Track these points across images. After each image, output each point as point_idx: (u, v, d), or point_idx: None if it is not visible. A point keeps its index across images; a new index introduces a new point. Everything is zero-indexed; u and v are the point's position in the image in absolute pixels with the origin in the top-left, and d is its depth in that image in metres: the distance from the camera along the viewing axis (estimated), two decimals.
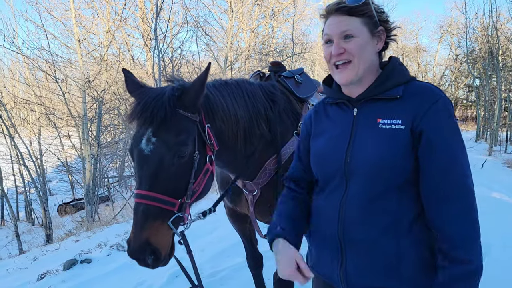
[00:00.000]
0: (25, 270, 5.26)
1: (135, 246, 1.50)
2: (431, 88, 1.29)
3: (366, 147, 1.28)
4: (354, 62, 1.29)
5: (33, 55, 10.48)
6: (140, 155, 1.55)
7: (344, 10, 1.29)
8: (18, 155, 10.07)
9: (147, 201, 1.51)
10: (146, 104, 1.57)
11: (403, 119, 1.24)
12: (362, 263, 1.31)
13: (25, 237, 9.91)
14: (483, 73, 17.01)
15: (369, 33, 1.30)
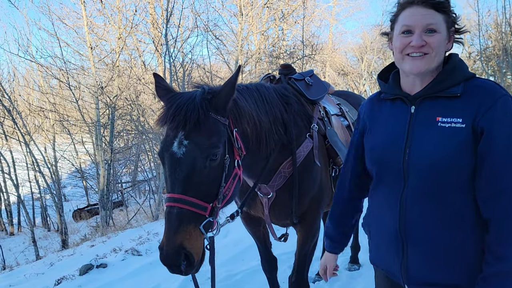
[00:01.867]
0: (42, 276, 5.33)
1: (169, 250, 1.48)
2: (492, 85, 1.27)
3: (426, 145, 1.28)
4: (432, 56, 1.29)
5: (46, 63, 10.69)
6: (173, 158, 1.55)
7: (431, 3, 1.29)
8: (34, 162, 10.24)
9: (180, 204, 1.51)
10: (178, 107, 1.57)
11: (464, 118, 1.23)
12: (424, 259, 1.32)
13: (41, 243, 10.05)
14: (498, 70, 16.72)
15: (447, 30, 1.31)
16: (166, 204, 1.52)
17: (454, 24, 1.34)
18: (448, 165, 1.25)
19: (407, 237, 1.33)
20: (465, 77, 1.30)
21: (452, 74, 1.31)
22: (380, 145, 1.41)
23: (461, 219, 1.26)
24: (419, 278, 1.35)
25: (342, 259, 4.18)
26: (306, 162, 2.24)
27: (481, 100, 1.22)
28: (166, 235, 1.49)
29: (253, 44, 15.54)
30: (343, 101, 3.17)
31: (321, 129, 2.41)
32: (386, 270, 1.46)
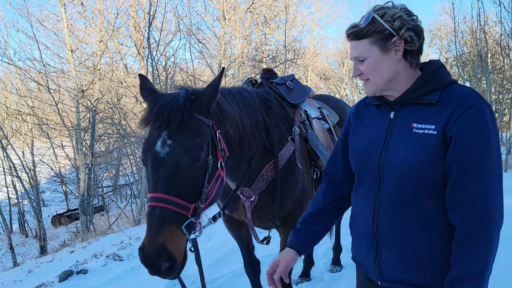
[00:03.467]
0: (20, 283, 5.21)
1: (151, 250, 1.45)
2: (467, 93, 1.29)
3: (400, 150, 1.33)
4: (371, 81, 1.37)
5: (25, 65, 10.47)
6: (156, 158, 1.53)
7: (352, 36, 1.36)
8: (11, 167, 10.00)
9: (163, 204, 1.48)
10: (161, 107, 1.56)
11: (437, 124, 1.27)
12: (395, 259, 1.38)
13: (19, 250, 9.80)
14: (473, 76, 17.22)
15: (380, 49, 1.32)
16: (149, 204, 1.50)
17: (396, 31, 1.31)
18: (418, 170, 1.29)
19: (380, 237, 1.39)
20: (443, 84, 1.32)
21: (428, 81, 1.34)
22: (361, 148, 1.47)
23: (431, 224, 1.30)
24: (390, 275, 1.41)
25: (324, 260, 4.23)
26: (288, 165, 2.28)
27: (454, 107, 1.25)
28: (148, 235, 1.47)
29: (236, 48, 15.58)
30: (324, 105, 3.24)
31: (302, 132, 2.46)
32: (363, 267, 1.52)
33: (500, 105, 15.17)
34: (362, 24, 1.33)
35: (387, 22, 1.30)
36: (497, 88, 15.64)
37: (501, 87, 15.30)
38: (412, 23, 1.32)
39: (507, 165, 10.14)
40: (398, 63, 1.35)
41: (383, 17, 1.31)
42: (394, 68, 1.35)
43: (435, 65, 1.38)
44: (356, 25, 1.36)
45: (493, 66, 16.17)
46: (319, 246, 4.31)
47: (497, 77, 15.76)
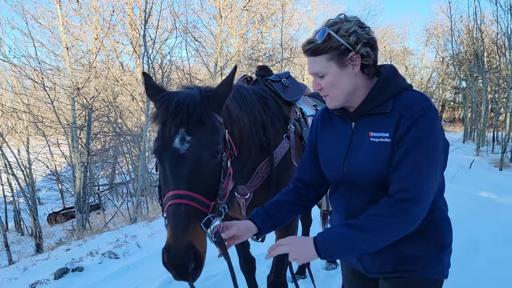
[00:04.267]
0: (15, 281, 5.18)
1: (178, 250, 1.38)
2: (416, 100, 1.32)
3: (358, 159, 1.39)
4: (331, 95, 1.42)
5: (20, 63, 10.39)
6: (175, 155, 1.48)
7: (309, 52, 1.38)
8: (6, 164, 9.94)
9: (188, 201, 1.43)
10: (179, 104, 1.53)
11: (389, 132, 1.32)
12: (373, 255, 1.45)
13: (14, 248, 9.76)
14: (469, 75, 17.29)
15: (337, 65, 1.35)
16: (171, 201, 1.43)
17: (352, 46, 1.33)
18: (377, 177, 1.35)
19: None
20: (395, 92, 1.37)
21: (381, 91, 1.38)
22: (329, 158, 1.53)
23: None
24: (374, 269, 1.50)
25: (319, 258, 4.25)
26: (283, 163, 2.29)
27: (402, 114, 1.31)
28: (173, 234, 1.39)
29: (232, 46, 15.57)
30: (319, 103, 3.24)
31: (297, 130, 2.47)
32: (349, 262, 1.60)
33: (496, 104, 15.24)
34: (317, 40, 1.34)
35: (343, 37, 1.32)
36: (493, 87, 15.72)
37: (497, 86, 15.38)
38: (367, 36, 1.35)
39: (503, 164, 10.20)
40: (356, 77, 1.38)
41: (338, 32, 1.33)
42: (353, 82, 1.38)
43: (387, 74, 1.41)
44: (312, 40, 1.37)
45: (489, 65, 16.24)
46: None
47: (493, 76, 15.83)
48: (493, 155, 12.30)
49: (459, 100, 27.82)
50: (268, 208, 1.63)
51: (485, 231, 4.59)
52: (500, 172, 9.65)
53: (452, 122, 30.23)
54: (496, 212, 5.70)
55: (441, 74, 28.75)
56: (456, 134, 19.93)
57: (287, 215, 1.65)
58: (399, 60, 31.03)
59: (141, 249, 5.27)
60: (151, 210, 9.70)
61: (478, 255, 3.98)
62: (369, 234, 1.28)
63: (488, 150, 13.18)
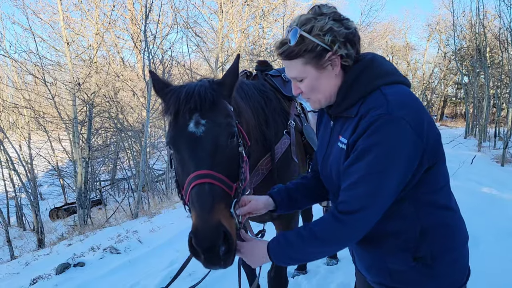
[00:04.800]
0: (17, 276, 5.21)
1: (207, 229, 1.29)
2: (375, 105, 1.19)
3: (329, 160, 1.35)
4: (313, 99, 1.34)
5: (21, 58, 10.38)
6: (192, 139, 1.46)
7: (283, 56, 1.28)
8: (8, 160, 9.94)
9: (211, 180, 1.37)
10: (189, 92, 1.52)
11: (347, 138, 1.25)
12: (362, 262, 1.43)
13: (16, 243, 9.80)
14: (471, 70, 17.22)
15: (315, 69, 1.25)
16: (194, 183, 1.37)
17: (330, 45, 1.22)
18: (336, 182, 1.31)
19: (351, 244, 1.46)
20: (362, 93, 1.24)
21: (348, 94, 1.27)
22: (317, 152, 1.53)
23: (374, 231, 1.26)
24: (367, 276, 1.45)
25: None
26: (283, 159, 2.28)
27: (359, 119, 1.21)
28: (199, 214, 1.32)
29: (233, 41, 15.52)
30: None
31: (298, 125, 2.46)
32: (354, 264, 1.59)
33: (498, 99, 15.18)
34: (290, 42, 1.24)
35: (317, 37, 1.21)
36: (495, 83, 15.64)
37: (499, 82, 15.30)
38: (345, 31, 1.22)
39: (505, 159, 10.16)
40: (337, 77, 1.28)
41: (311, 32, 1.21)
42: (334, 82, 1.29)
43: (356, 71, 1.27)
44: (285, 41, 1.27)
45: (491, 60, 16.15)
46: None
47: (495, 71, 15.75)
48: (495, 151, 12.26)
49: (461, 96, 27.71)
50: (290, 187, 1.58)
51: (486, 226, 4.58)
52: (501, 168, 9.62)
53: (454, 117, 30.14)
54: (498, 208, 5.69)
55: (443, 69, 28.62)
56: (457, 130, 19.88)
57: (305, 200, 1.61)
58: (401, 56, 30.90)
59: (143, 244, 5.28)
60: (153, 205, 9.72)
61: (479, 250, 3.97)
62: (311, 245, 1.22)
63: (490, 145, 13.14)
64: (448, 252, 1.30)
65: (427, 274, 1.27)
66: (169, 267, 4.20)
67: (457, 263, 1.32)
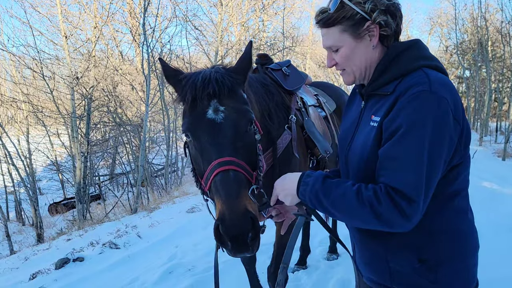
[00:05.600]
0: (17, 270, 5.20)
1: (234, 216, 1.28)
2: (415, 83, 1.14)
3: (358, 141, 1.29)
4: (347, 71, 1.29)
5: (19, 52, 10.34)
6: (211, 125, 1.44)
7: (321, 23, 1.26)
8: (6, 155, 9.91)
9: (235, 167, 1.37)
10: (205, 78, 1.50)
11: (381, 117, 1.19)
12: (363, 258, 1.35)
13: (15, 238, 9.79)
14: (473, 64, 17.14)
15: (353, 37, 1.22)
16: (218, 170, 1.36)
17: (369, 14, 1.19)
18: (365, 163, 1.22)
19: (352, 233, 1.40)
20: (402, 72, 1.19)
21: (386, 70, 1.23)
22: (340, 137, 1.45)
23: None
24: (364, 273, 1.39)
25: (320, 249, 4.23)
26: (284, 154, 2.23)
27: (397, 97, 1.15)
28: (226, 200, 1.31)
29: (233, 35, 15.44)
30: (321, 92, 3.18)
31: (299, 120, 2.41)
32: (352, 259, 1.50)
33: (499, 93, 15.13)
34: (330, 9, 1.22)
35: (357, 5, 1.19)
36: (497, 77, 15.58)
37: (501, 75, 15.24)
38: (386, 2, 1.20)
39: (506, 154, 10.14)
40: (374, 49, 1.25)
41: (352, 0, 1.19)
42: (370, 55, 1.25)
43: (397, 49, 1.24)
44: (324, 10, 1.25)
45: (493, 54, 16.08)
46: (316, 235, 4.30)
47: (497, 65, 15.68)
48: (496, 145, 12.25)
49: (463, 90, 27.64)
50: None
51: (487, 221, 4.56)
52: (503, 162, 9.60)
53: None
54: (498, 202, 5.68)
55: (445, 63, 28.51)
56: None
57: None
58: None
59: (142, 239, 5.26)
60: (152, 200, 9.70)
61: (480, 245, 3.96)
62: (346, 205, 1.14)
63: (491, 140, 13.12)
64: (455, 259, 1.23)
65: (429, 278, 1.20)
66: (168, 262, 4.18)
67: (464, 273, 1.25)
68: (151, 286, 3.69)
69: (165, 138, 12.32)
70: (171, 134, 12.09)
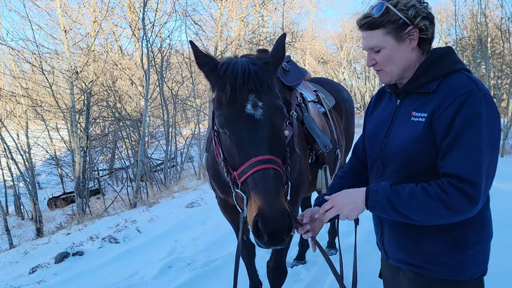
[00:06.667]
0: (16, 264, 5.22)
1: (276, 213, 1.34)
2: (462, 83, 1.27)
3: (397, 137, 1.39)
4: (386, 70, 1.41)
5: (18, 46, 10.32)
6: (250, 121, 1.47)
7: (366, 26, 1.38)
8: (6, 149, 9.90)
9: (274, 166, 1.42)
10: (245, 71, 1.50)
11: (428, 112, 1.30)
12: (393, 240, 1.46)
13: (15, 232, 9.81)
14: (472, 60, 17.13)
15: (395, 39, 1.35)
16: (259, 167, 1.40)
17: (411, 20, 1.33)
18: (408, 157, 1.34)
19: (382, 218, 1.48)
20: (443, 72, 1.33)
21: (428, 71, 1.36)
22: (370, 133, 1.55)
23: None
24: (392, 255, 1.50)
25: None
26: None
27: (444, 96, 1.28)
28: (266, 198, 1.36)
29: (232, 30, 15.37)
30: (320, 88, 3.19)
31: (299, 115, 2.42)
32: (377, 244, 1.62)
33: (498, 90, 15.15)
34: (374, 14, 1.34)
35: (401, 11, 1.32)
36: (496, 73, 15.59)
37: (500, 72, 15.25)
38: (425, 11, 1.34)
39: (504, 150, 10.17)
40: (412, 52, 1.37)
41: (396, 6, 1.33)
42: (409, 57, 1.38)
43: (438, 53, 1.39)
44: (368, 15, 1.37)
45: (492, 50, 16.08)
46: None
47: (496, 62, 15.69)
48: None
49: None
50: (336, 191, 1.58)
51: None
52: (501, 159, 9.63)
53: None
54: (496, 199, 5.64)
55: None
56: None
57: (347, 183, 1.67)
58: None
59: (141, 234, 5.28)
60: (151, 195, 9.72)
61: None
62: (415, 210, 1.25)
63: None
64: (479, 243, 1.37)
65: (458, 259, 1.33)
66: (167, 257, 4.20)
67: (483, 254, 1.38)
68: (150, 280, 3.71)
69: (164, 133, 12.32)
70: (170, 129, 12.09)
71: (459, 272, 1.34)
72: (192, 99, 13.38)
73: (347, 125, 3.53)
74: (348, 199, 1.38)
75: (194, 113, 15.68)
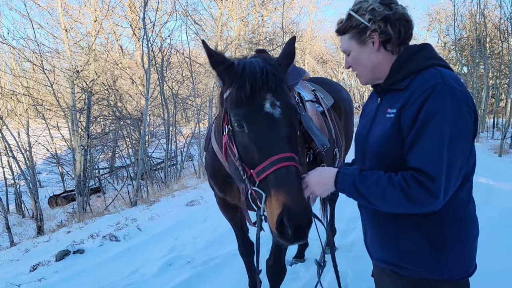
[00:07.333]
0: (17, 262, 5.25)
1: (301, 209, 1.39)
2: (429, 77, 1.30)
3: (374, 134, 1.44)
4: (358, 72, 1.51)
5: (19, 45, 10.33)
6: (270, 119, 1.51)
7: (338, 32, 1.50)
8: (7, 147, 9.92)
9: (295, 163, 1.47)
10: (263, 70, 1.55)
11: (397, 108, 1.34)
12: (374, 239, 1.49)
13: (16, 230, 9.84)
14: (471, 60, 17.15)
15: (357, 43, 1.44)
16: (280, 164, 1.44)
17: (372, 23, 1.38)
18: (381, 152, 1.39)
19: (366, 214, 1.53)
20: (415, 69, 1.36)
21: (401, 68, 1.40)
22: (357, 132, 1.60)
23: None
24: (375, 254, 1.53)
25: (318, 242, 4.28)
26: None
27: (412, 91, 1.31)
28: (291, 194, 1.40)
29: (232, 30, 15.39)
30: (319, 88, 3.22)
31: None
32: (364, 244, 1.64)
33: (497, 90, 15.16)
34: (343, 20, 1.46)
35: (362, 16, 1.40)
36: (494, 73, 15.60)
37: (498, 72, 15.26)
38: (385, 12, 1.38)
39: (503, 150, 10.20)
40: (378, 53, 1.43)
41: (358, 12, 1.41)
42: (374, 58, 1.44)
43: (411, 50, 1.42)
44: (340, 21, 1.48)
45: (491, 50, 16.09)
46: (313, 229, 4.36)
47: (495, 61, 15.69)
48: (493, 141, 12.30)
49: None
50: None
51: (483, 217, 4.57)
52: (499, 159, 9.67)
53: None
54: (495, 199, 5.72)
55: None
56: None
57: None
58: None
59: (142, 232, 5.32)
60: (151, 194, 9.75)
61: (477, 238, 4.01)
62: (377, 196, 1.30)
63: (488, 136, 13.17)
64: (457, 243, 1.37)
65: (434, 258, 1.35)
66: (167, 255, 4.24)
67: (464, 255, 1.39)
68: (150, 278, 3.75)
69: (165, 132, 12.34)
70: (171, 128, 12.11)
71: (437, 272, 1.35)
72: (192, 98, 13.41)
73: (346, 124, 3.56)
74: (320, 178, 1.45)
75: (194, 112, 15.71)
